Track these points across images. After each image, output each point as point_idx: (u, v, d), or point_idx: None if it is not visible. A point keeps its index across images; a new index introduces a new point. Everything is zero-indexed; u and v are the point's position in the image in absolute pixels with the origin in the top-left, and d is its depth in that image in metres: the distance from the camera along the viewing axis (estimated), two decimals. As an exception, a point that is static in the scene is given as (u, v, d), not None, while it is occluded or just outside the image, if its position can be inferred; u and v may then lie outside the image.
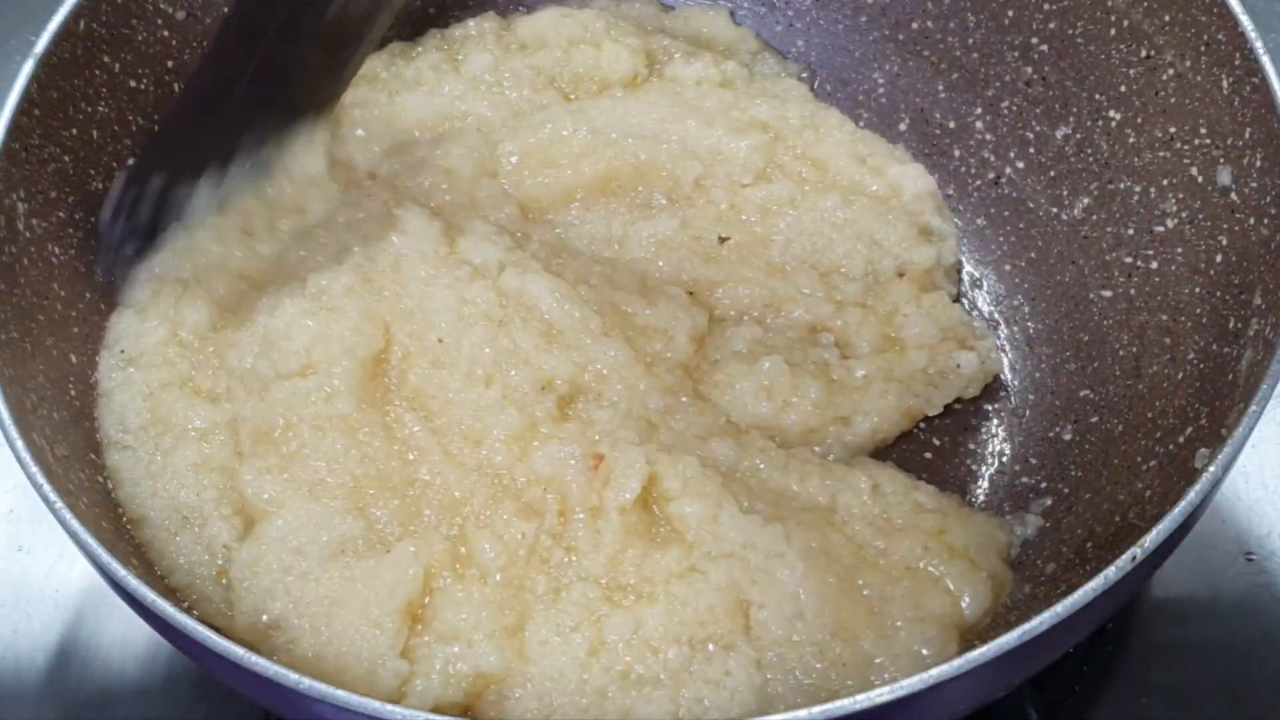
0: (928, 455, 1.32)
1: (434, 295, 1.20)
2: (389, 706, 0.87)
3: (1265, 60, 1.11)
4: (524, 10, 1.49)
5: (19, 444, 1.01)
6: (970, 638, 1.11)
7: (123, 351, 1.20)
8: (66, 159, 1.18)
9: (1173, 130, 1.24)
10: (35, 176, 1.14)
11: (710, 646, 1.07)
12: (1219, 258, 1.18)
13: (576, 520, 1.12)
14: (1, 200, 1.11)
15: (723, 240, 1.35)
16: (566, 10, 1.45)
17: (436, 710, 1.04)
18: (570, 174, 1.35)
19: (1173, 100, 1.23)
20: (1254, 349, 1.08)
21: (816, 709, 0.86)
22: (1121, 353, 1.27)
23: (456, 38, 1.45)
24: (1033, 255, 1.39)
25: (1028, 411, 1.33)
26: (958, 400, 1.32)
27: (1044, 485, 1.27)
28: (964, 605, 1.12)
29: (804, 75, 1.50)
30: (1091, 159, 1.33)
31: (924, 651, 1.08)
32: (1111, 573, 0.92)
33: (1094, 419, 1.27)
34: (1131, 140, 1.29)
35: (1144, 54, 1.26)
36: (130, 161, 1.24)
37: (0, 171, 1.10)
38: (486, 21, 1.46)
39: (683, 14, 1.51)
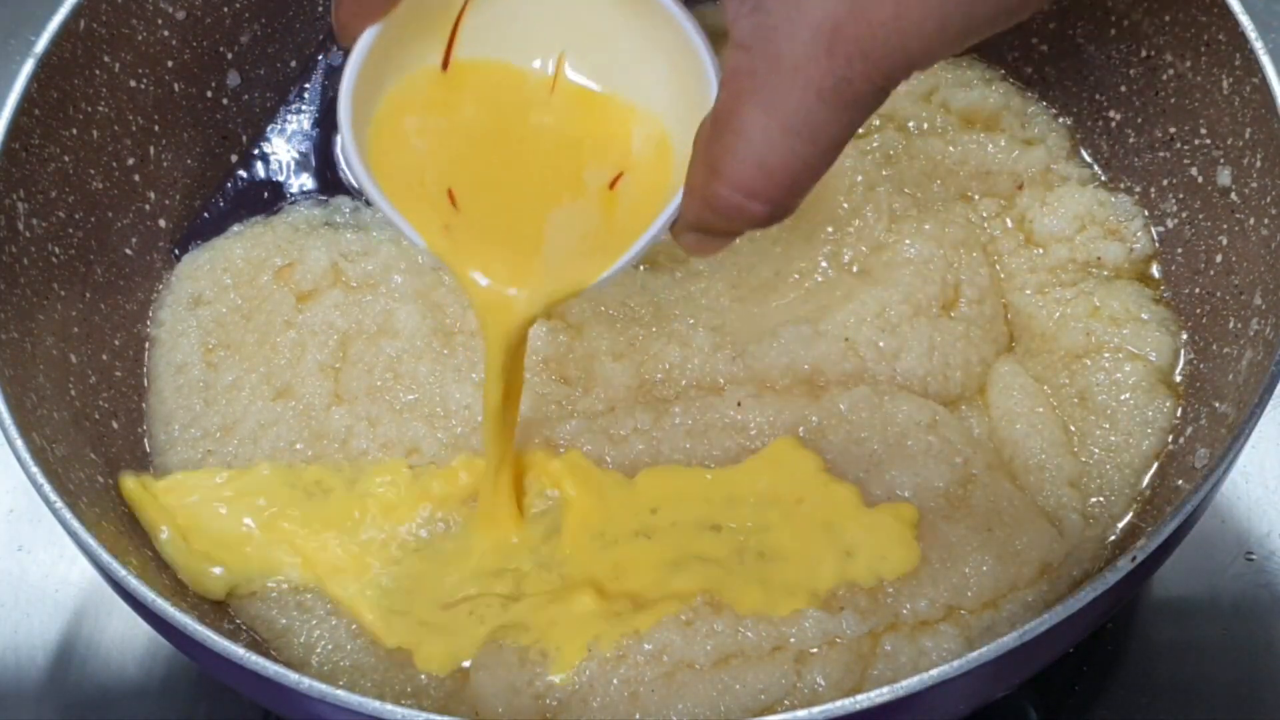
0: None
1: None
2: (389, 706, 0.87)
3: (1265, 60, 1.11)
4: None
5: (19, 444, 1.00)
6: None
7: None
8: (66, 159, 1.18)
9: (1173, 130, 1.24)
10: (35, 176, 1.14)
11: None
12: (1219, 258, 1.18)
13: None
14: (1, 200, 1.10)
15: None
16: None
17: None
18: None
19: (1173, 100, 1.23)
20: (1254, 349, 1.08)
21: (816, 709, 0.86)
22: (1121, 353, 1.27)
23: None
24: (1033, 255, 1.39)
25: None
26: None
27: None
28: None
29: None
30: (1092, 159, 1.33)
31: None
32: (1110, 573, 0.91)
33: (1094, 419, 1.27)
34: (1131, 140, 1.29)
35: (1144, 54, 1.25)
36: None
37: (0, 171, 1.10)
38: None
39: None
